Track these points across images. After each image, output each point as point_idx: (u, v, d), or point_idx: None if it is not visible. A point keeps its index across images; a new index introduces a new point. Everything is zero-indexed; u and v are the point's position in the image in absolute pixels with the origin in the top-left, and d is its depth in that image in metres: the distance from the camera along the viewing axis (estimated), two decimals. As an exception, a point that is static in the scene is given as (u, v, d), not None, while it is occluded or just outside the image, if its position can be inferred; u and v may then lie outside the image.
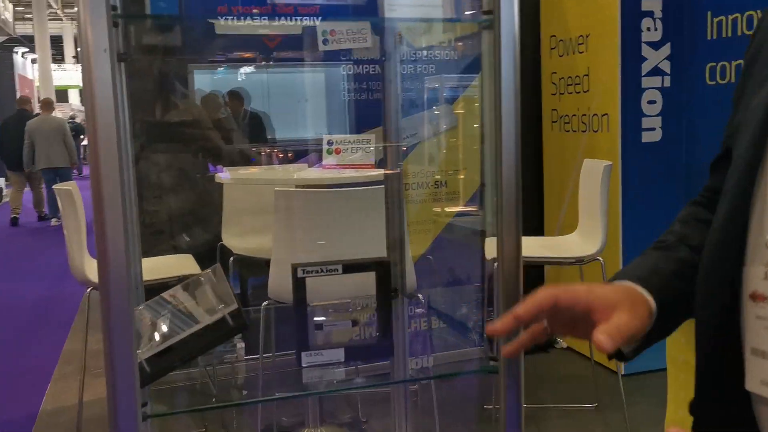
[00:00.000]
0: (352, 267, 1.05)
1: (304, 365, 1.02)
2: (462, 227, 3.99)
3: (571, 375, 3.54)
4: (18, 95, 14.97)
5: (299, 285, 1.03)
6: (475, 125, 3.89)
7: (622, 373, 3.23)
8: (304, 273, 1.02)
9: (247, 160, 3.89)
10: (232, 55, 3.81)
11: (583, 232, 2.92)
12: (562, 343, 3.98)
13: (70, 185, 2.71)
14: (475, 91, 3.88)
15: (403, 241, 1.37)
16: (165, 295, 1.17)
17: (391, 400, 1.53)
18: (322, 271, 1.02)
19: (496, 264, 2.84)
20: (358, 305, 1.06)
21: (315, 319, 1.04)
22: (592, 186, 2.80)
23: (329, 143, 2.95)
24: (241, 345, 1.14)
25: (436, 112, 3.93)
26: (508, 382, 0.90)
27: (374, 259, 1.04)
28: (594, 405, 3.19)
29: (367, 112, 3.78)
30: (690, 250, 0.89)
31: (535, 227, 4.10)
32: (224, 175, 3.41)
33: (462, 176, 3.90)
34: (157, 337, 1.01)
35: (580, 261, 2.77)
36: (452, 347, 3.67)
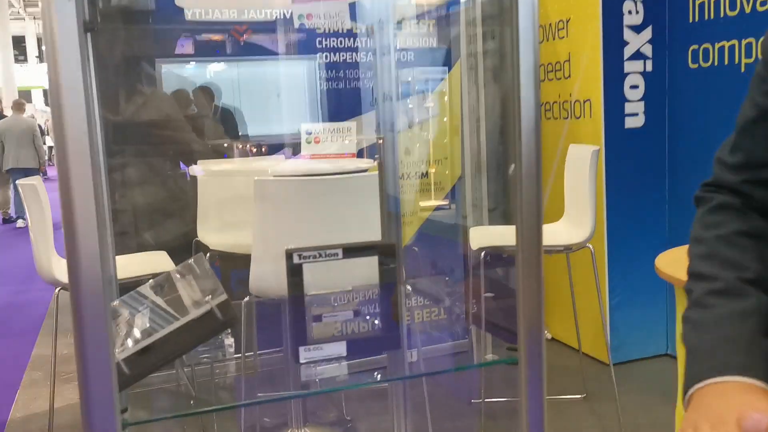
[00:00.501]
0: (353, 251, 0.95)
1: (302, 361, 0.91)
2: (443, 218, 3.91)
3: (557, 366, 3.48)
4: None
5: (295, 272, 0.92)
6: (444, 119, 3.82)
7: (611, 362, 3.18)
8: (300, 259, 0.92)
9: (221, 156, 3.77)
10: (202, 48, 3.68)
11: (571, 220, 2.86)
12: (548, 334, 3.92)
13: (35, 180, 2.58)
14: (456, 80, 3.80)
15: (399, 230, 1.28)
16: (142, 289, 1.06)
17: (389, 396, 1.44)
18: (320, 255, 0.92)
19: (483, 253, 2.77)
20: (360, 294, 0.96)
21: (313, 310, 0.94)
22: (579, 172, 2.74)
23: (308, 132, 2.85)
24: (230, 341, 1.03)
25: (410, 106, 3.85)
26: (530, 375, 0.81)
27: (378, 243, 0.94)
28: (582, 396, 3.14)
29: (342, 105, 3.69)
30: (756, 288, 0.74)
31: (518, 217, 4.04)
32: (199, 170, 3.28)
33: (443, 167, 3.82)
34: (135, 334, 0.90)
35: (568, 249, 2.70)
36: (438, 340, 3.60)
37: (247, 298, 2.07)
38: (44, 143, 14.71)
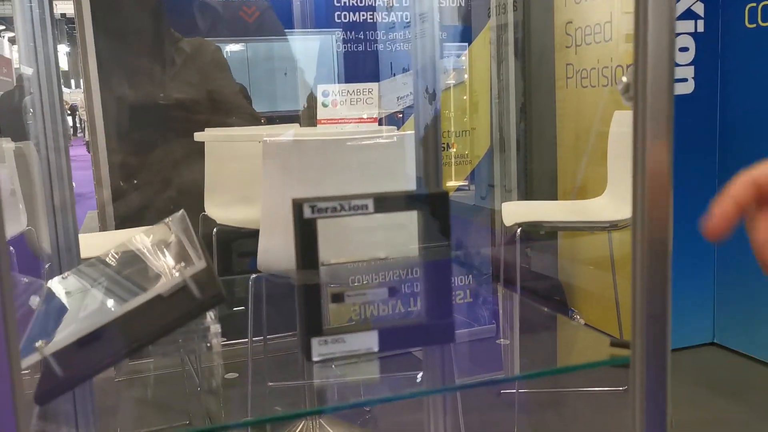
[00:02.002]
0: (388, 203, 0.67)
1: (315, 359, 0.65)
2: (468, 195, 3.65)
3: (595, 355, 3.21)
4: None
5: (306, 232, 0.65)
6: (464, 97, 3.55)
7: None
8: (313, 212, 0.64)
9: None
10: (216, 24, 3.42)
11: (615, 194, 2.58)
12: (580, 319, 3.65)
13: (25, 145, 2.35)
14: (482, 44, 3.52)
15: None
16: (103, 256, 0.81)
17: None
18: (342, 209, 0.65)
19: (520, 229, 2.50)
20: (398, 265, 0.69)
21: (331, 287, 0.68)
22: (627, 140, 2.45)
23: (324, 94, 2.58)
24: (216, 328, 0.76)
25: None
26: (648, 383, 0.55)
27: (423, 193, 0.67)
28: (624, 388, 2.87)
29: (359, 72, 3.44)
30: None
31: (551, 192, 3.77)
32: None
33: (469, 141, 3.55)
34: (79, 319, 0.65)
35: (613, 226, 2.42)
36: (463, 325, 3.33)
37: (254, 275, 1.82)
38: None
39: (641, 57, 0.58)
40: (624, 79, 0.60)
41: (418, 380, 0.81)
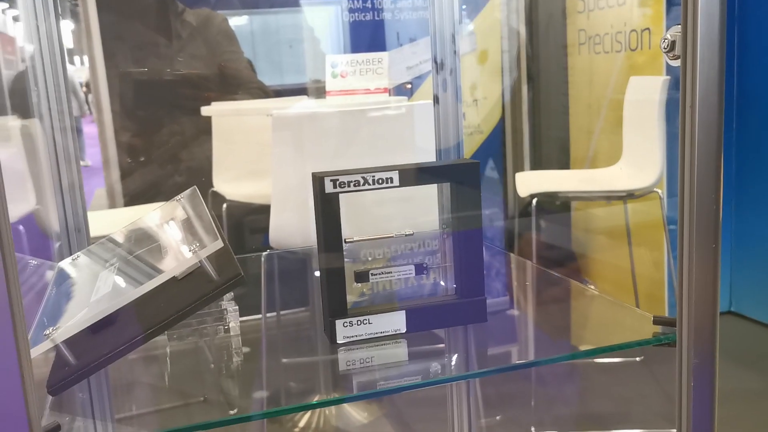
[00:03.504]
0: (415, 175, 0.63)
1: (340, 341, 0.63)
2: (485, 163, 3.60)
3: (609, 324, 3.18)
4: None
5: (328, 208, 0.61)
6: (481, 52, 3.47)
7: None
8: (335, 187, 0.61)
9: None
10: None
11: (631, 162, 2.53)
12: (594, 289, 3.62)
13: (31, 122, 2.31)
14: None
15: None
16: (114, 235, 0.78)
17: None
18: (365, 182, 0.61)
19: (535, 200, 2.46)
20: (425, 241, 0.66)
21: (355, 265, 0.64)
22: (643, 106, 2.40)
23: (333, 65, 2.52)
24: (233, 308, 0.75)
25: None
26: (695, 361, 0.52)
27: (453, 162, 0.63)
28: (640, 358, 2.84)
29: (366, 41, 3.38)
30: None
31: (563, 161, 3.72)
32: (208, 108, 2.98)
33: (480, 110, 3.50)
34: (93, 301, 0.62)
35: (631, 195, 2.38)
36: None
37: (267, 252, 1.78)
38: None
39: (691, 12, 0.53)
40: (668, 36, 0.56)
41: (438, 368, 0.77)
